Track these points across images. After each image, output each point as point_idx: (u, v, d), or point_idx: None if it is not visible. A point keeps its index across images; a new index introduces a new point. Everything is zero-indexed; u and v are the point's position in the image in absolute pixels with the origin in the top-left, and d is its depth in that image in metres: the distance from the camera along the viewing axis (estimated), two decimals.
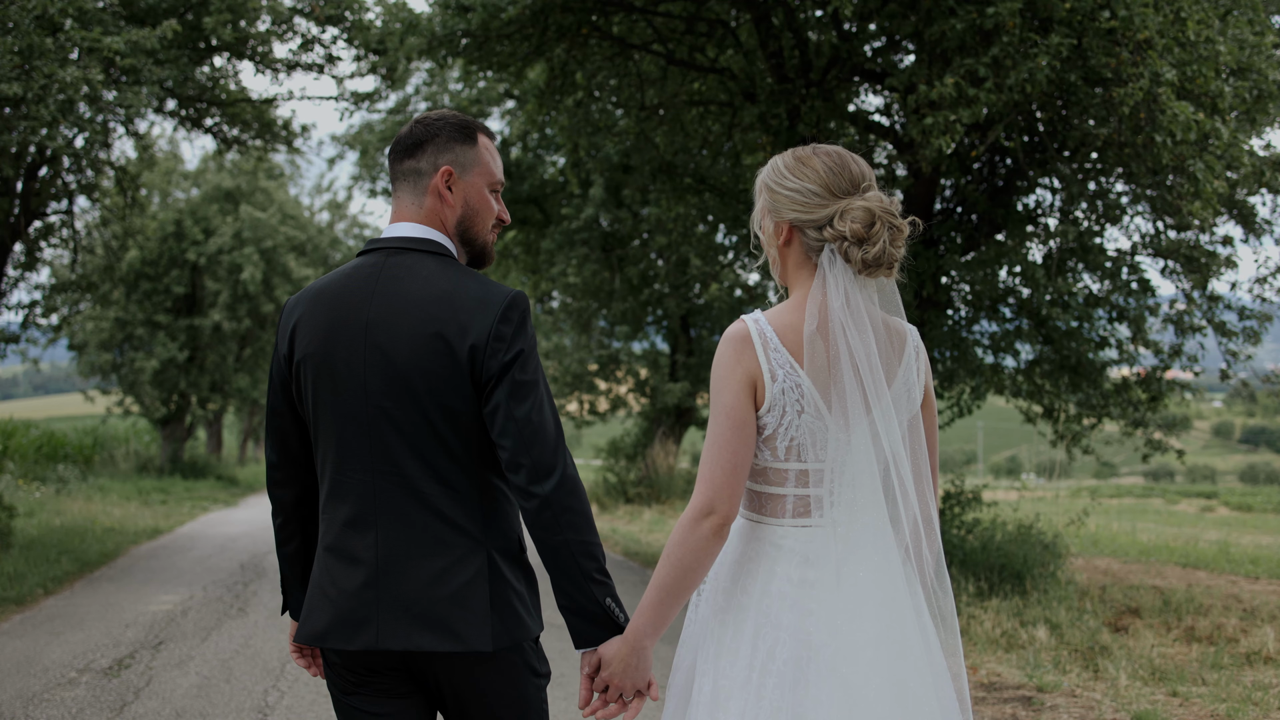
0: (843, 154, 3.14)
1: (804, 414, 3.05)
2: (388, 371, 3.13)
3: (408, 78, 23.57)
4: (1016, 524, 13.56)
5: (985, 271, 12.43)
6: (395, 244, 3.27)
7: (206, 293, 33.49)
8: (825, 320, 3.05)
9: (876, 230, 3.01)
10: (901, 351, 3.16)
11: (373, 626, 3.12)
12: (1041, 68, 9.27)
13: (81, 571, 14.43)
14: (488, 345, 3.10)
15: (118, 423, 39.59)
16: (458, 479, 3.17)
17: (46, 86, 11.08)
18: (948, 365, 13.29)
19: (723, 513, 3.03)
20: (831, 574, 3.02)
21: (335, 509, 3.23)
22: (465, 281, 3.19)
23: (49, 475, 28.34)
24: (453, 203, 3.30)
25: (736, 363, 3.06)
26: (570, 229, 21.55)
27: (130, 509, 23.30)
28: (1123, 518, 26.19)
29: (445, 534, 3.14)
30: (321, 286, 3.29)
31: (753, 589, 3.10)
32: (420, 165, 3.30)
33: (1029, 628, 10.03)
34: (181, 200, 34.63)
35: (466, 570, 3.13)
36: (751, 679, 3.00)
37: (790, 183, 3.11)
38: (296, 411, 3.34)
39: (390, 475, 3.16)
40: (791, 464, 3.09)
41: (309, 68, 15.68)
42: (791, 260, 3.17)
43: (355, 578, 3.16)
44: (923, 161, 10.34)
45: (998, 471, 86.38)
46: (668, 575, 3.08)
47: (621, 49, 14.23)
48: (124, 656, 9.63)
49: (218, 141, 17.64)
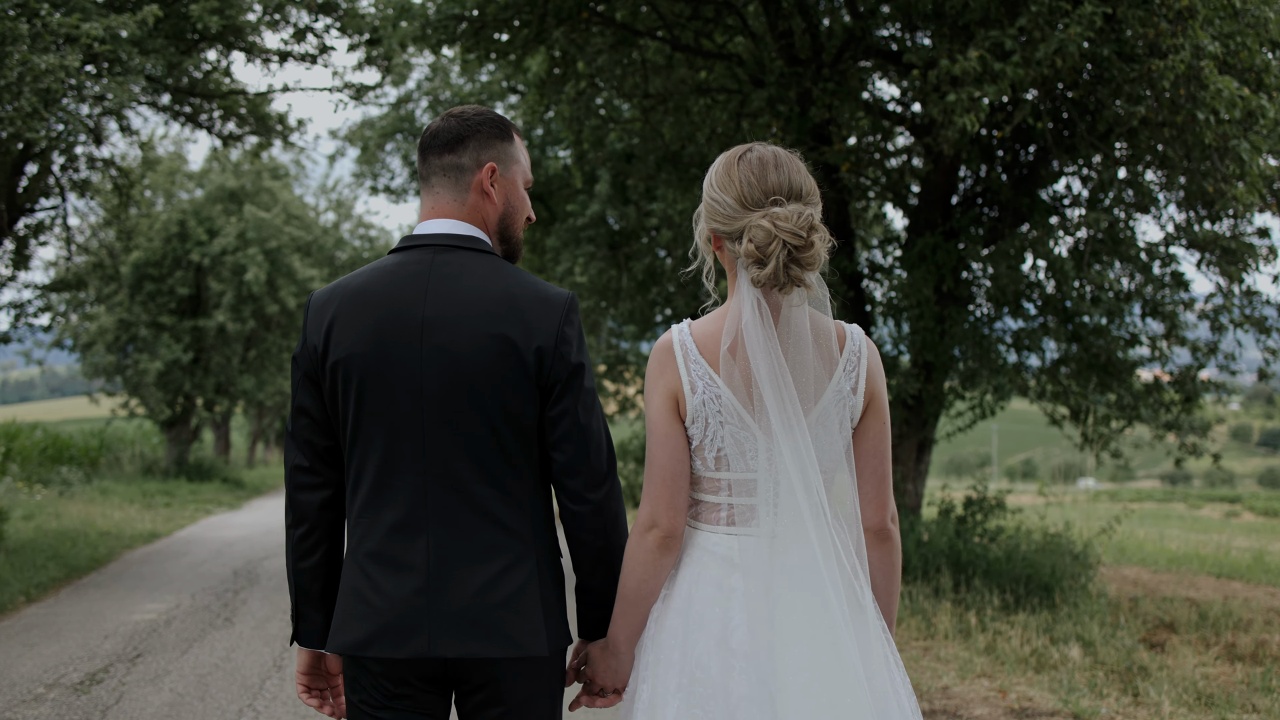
0: (767, 162, 3.05)
1: (726, 425, 3.04)
2: (448, 371, 3.07)
3: (408, 72, 23.12)
4: (1042, 532, 12.90)
5: (1008, 264, 11.82)
6: (441, 240, 3.19)
7: (211, 294, 32.99)
8: (741, 333, 3.02)
9: (772, 249, 2.93)
10: (834, 358, 3.10)
11: (424, 634, 3.05)
12: (1073, 39, 8.64)
13: (69, 578, 13.91)
14: (555, 348, 3.08)
15: (125, 425, 39.20)
16: (511, 482, 3.13)
17: (22, 75, 10.54)
18: (969, 364, 12.69)
19: (664, 526, 3.09)
20: (762, 584, 3.00)
21: (378, 513, 3.13)
22: (522, 280, 3.15)
23: (52, 478, 27.94)
24: (495, 200, 3.25)
25: (659, 376, 3.10)
26: (576, 226, 20.99)
27: (130, 512, 22.83)
28: (1147, 524, 25.55)
29: (498, 538, 3.11)
30: (362, 283, 3.18)
31: (684, 593, 3.11)
32: (463, 161, 3.23)
33: (1060, 645, 9.39)
34: (185, 200, 34.17)
35: (519, 575, 3.10)
36: (683, 685, 3.01)
37: (712, 191, 3.09)
38: (325, 411, 3.22)
39: (442, 478, 3.09)
40: (722, 474, 3.09)
41: (302, 58, 15.14)
42: (727, 267, 3.15)
43: (405, 584, 3.08)
44: (944, 144, 9.73)
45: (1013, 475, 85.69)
46: (624, 584, 3.16)
47: (625, 36, 13.64)
48: (97, 670, 9.08)
49: (212, 136, 17.10)
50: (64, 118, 11.95)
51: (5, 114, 11.13)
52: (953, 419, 13.69)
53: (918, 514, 13.18)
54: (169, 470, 33.56)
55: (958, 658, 9.19)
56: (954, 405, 13.51)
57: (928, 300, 12.09)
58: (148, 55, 13.01)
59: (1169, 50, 8.74)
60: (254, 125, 17.09)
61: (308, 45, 15.12)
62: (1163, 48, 8.82)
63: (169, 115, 16.71)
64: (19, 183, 15.24)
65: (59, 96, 11.36)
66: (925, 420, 13.10)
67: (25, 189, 15.70)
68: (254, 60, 15.17)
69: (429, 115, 23.66)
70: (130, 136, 17.62)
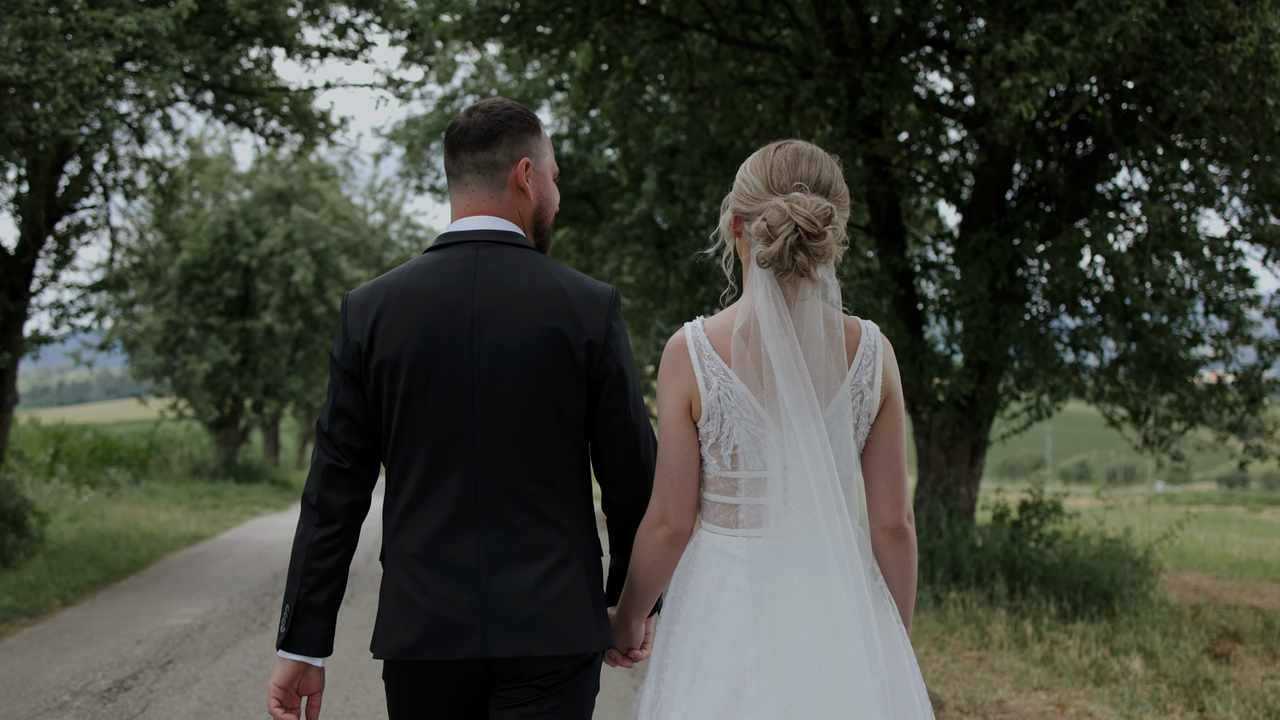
0: (802, 153, 3.04)
1: (743, 420, 3.01)
2: (500, 367, 3.05)
3: (453, 70, 22.93)
4: (1100, 536, 12.45)
5: (1066, 260, 11.40)
6: (481, 237, 3.16)
7: (258, 295, 32.96)
8: (754, 322, 3.00)
9: (781, 230, 2.92)
10: (851, 352, 3.07)
11: (477, 634, 3.01)
12: (1134, 21, 8.23)
13: (107, 580, 13.77)
14: (605, 342, 3.08)
15: (174, 427, 39.32)
16: (560, 479, 3.11)
17: (54, 70, 10.37)
18: (1024, 364, 12.29)
19: (673, 524, 3.09)
20: (781, 586, 2.96)
21: (424, 514, 3.08)
22: (567, 275, 3.15)
23: (101, 479, 28.00)
24: (530, 195, 3.24)
25: (673, 374, 3.08)
26: (623, 225, 20.68)
27: (176, 514, 22.78)
28: (1206, 528, 24.93)
29: (548, 536, 3.08)
30: (406, 282, 3.13)
31: (701, 599, 3.07)
32: (497, 157, 3.20)
33: (1121, 656, 8.97)
34: (233, 202, 34.20)
35: (569, 572, 3.08)
36: (692, 691, 2.98)
37: (745, 174, 3.08)
38: (366, 412, 3.16)
39: (493, 475, 3.06)
40: (739, 472, 3.06)
41: (342, 54, 14.93)
42: (743, 254, 3.14)
43: (456, 584, 3.04)
44: (998, 134, 9.33)
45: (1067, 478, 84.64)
46: (633, 574, 3.22)
47: (670, 29, 13.33)
48: (126, 677, 8.88)
49: (255, 135, 16.95)
50: (101, 115, 11.77)
51: (40, 111, 10.98)
52: (1007, 420, 13.27)
53: (971, 518, 12.78)
54: (217, 472, 33.60)
55: (1013, 669, 8.81)
56: (1008, 406, 13.10)
57: (982, 297, 11.70)
58: (185, 51, 12.84)
59: (1236, 33, 8.32)
60: (296, 124, 16.93)
61: (348, 41, 14.93)
62: (1229, 30, 8.40)
63: (211, 113, 16.56)
64: (58, 181, 15.11)
65: (94, 93, 11.20)
66: (979, 422, 12.71)
67: (67, 188, 15.59)
68: (294, 56, 14.97)
69: None
70: (173, 135, 17.55)
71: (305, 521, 3.20)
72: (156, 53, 12.34)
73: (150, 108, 15.16)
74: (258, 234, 32.82)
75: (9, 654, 9.69)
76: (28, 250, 14.72)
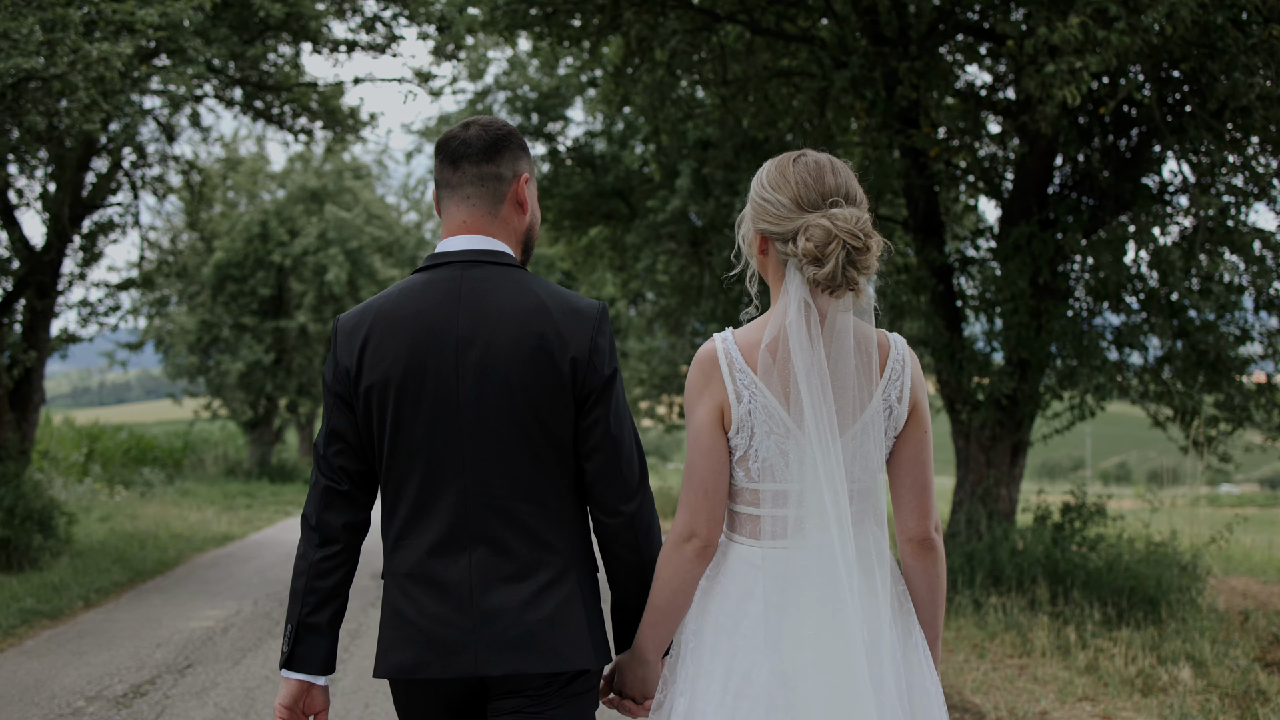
0: (824, 165, 3.04)
1: (773, 434, 3.01)
2: (485, 387, 3.06)
3: (485, 67, 22.75)
4: (1145, 540, 12.06)
5: (1110, 254, 11.03)
6: (467, 257, 3.17)
7: (292, 294, 32.86)
8: (783, 337, 3.00)
9: (831, 250, 2.92)
10: (882, 366, 3.08)
11: (469, 653, 3.03)
12: (1184, 2, 7.87)
13: (133, 581, 13.62)
14: (589, 359, 3.08)
15: (209, 427, 39.32)
16: (550, 497, 3.12)
17: (73, 63, 10.19)
18: (1067, 362, 11.93)
19: (703, 536, 3.06)
20: (810, 598, 2.95)
21: (419, 534, 3.10)
22: (552, 292, 3.15)
23: (135, 479, 27.98)
24: (526, 210, 3.28)
25: (704, 386, 3.06)
26: (656, 222, 20.39)
27: (208, 514, 22.68)
28: (1252, 530, 24.40)
29: (539, 554, 3.09)
30: (393, 305, 3.15)
31: (730, 609, 3.06)
32: (501, 170, 3.22)
33: (1169, 665, 8.60)
34: (267, 201, 34.13)
35: (562, 590, 3.09)
36: (726, 701, 2.97)
37: (764, 192, 3.06)
38: (359, 435, 3.18)
39: (482, 495, 3.07)
40: (765, 485, 3.06)
41: (369, 48, 14.72)
42: (770, 272, 3.13)
43: (445, 603, 3.06)
44: (1041, 121, 9.00)
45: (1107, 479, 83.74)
46: (657, 596, 3.14)
47: (703, 20, 13.03)
48: (143, 682, 8.69)
49: (283, 131, 16.77)
50: (124, 110, 11.58)
51: (61, 107, 10.81)
52: (1049, 420, 12.89)
53: (1011, 521, 12.44)
54: (251, 471, 33.56)
55: (1057, 678, 8.48)
56: (1050, 406, 12.72)
57: (1023, 293, 11.35)
58: (210, 45, 12.65)
59: None
60: (325, 120, 16.75)
61: (376, 35, 14.72)
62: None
63: (239, 110, 16.39)
64: (84, 178, 14.97)
65: (116, 89, 11.02)
66: (1020, 421, 12.36)
67: (94, 186, 15.45)
68: (321, 50, 14.76)
69: (506, 110, 23.23)
70: (202, 132, 17.40)
71: (305, 542, 3.24)
72: (181, 46, 12.16)
73: (177, 105, 15.00)
74: (291, 233, 32.74)
75: (26, 657, 9.52)
76: (53, 248, 14.56)
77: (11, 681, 8.66)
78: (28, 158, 13.63)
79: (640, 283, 23.39)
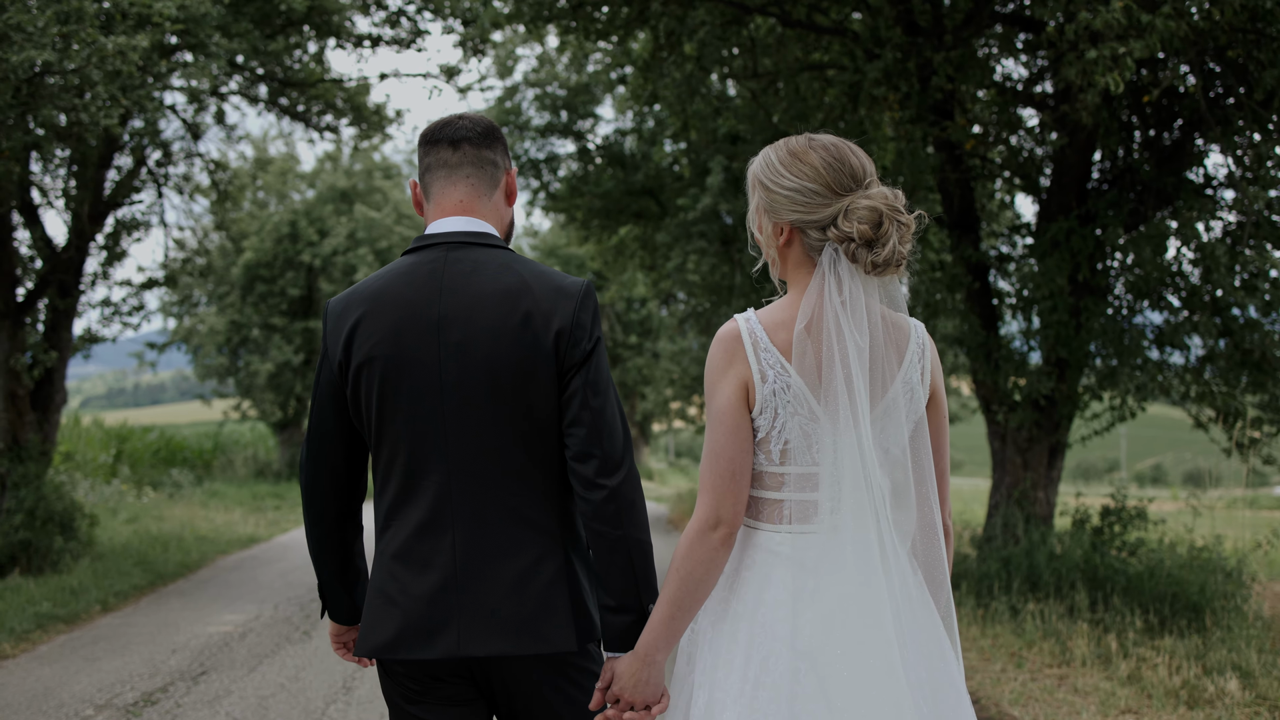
0: (840, 145, 3.00)
1: (796, 415, 2.95)
2: (466, 367, 3.05)
3: (513, 64, 22.53)
4: (1187, 544, 11.67)
5: (1152, 250, 10.66)
6: (453, 239, 3.18)
7: (321, 294, 32.74)
8: (819, 319, 2.94)
9: (885, 230, 2.90)
10: (903, 350, 3.03)
11: (452, 632, 3.02)
12: None
13: (153, 585, 13.43)
14: (571, 332, 3.04)
15: (240, 428, 39.25)
16: (535, 476, 3.09)
17: (89, 56, 9.98)
18: (1107, 362, 11.57)
19: (729, 521, 2.96)
20: (830, 583, 2.91)
21: (404, 514, 3.11)
22: (538, 270, 3.14)
23: (164, 480, 27.89)
24: (511, 204, 3.34)
25: (728, 365, 2.98)
26: (687, 221, 20.08)
27: (235, 516, 22.54)
28: None
29: (524, 534, 3.07)
30: (379, 287, 3.16)
31: (748, 597, 2.99)
32: (496, 158, 3.25)
33: (1214, 676, 8.23)
34: (297, 201, 34.02)
35: (547, 570, 3.07)
36: (745, 691, 2.89)
37: (787, 181, 2.98)
38: (347, 430, 3.22)
39: (466, 475, 3.06)
40: (788, 468, 2.98)
41: (393, 43, 14.48)
42: (791, 260, 3.05)
43: (429, 583, 3.06)
44: (1082, 111, 8.64)
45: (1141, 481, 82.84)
46: (677, 589, 2.98)
47: (733, 13, 12.72)
48: (155, 690, 8.46)
49: (309, 129, 16.56)
50: (145, 106, 11.36)
51: (80, 102, 10.62)
52: (1087, 421, 12.52)
53: (1049, 524, 12.08)
54: (281, 473, 33.45)
55: (1098, 689, 8.13)
56: (1089, 407, 12.35)
57: (1061, 291, 10.99)
58: (231, 39, 12.44)
59: None
60: (352, 117, 16.52)
61: (400, 30, 14.47)
62: None
63: (264, 106, 16.18)
64: (105, 176, 14.78)
65: (136, 83, 10.82)
66: (1058, 423, 12.00)
67: (117, 184, 15.26)
68: (344, 45, 14.52)
69: (535, 108, 22.99)
70: (227, 130, 17.21)
71: (305, 518, 3.32)
72: (202, 41, 11.96)
73: (202, 103, 14.81)
74: (321, 233, 32.62)
75: (39, 663, 9.32)
76: (74, 246, 14.38)
77: (21, 689, 8.45)
78: (44, 154, 13.46)
79: (671, 282, 23.08)
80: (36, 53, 9.50)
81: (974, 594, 11.22)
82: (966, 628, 10.19)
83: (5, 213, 13.29)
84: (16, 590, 11.90)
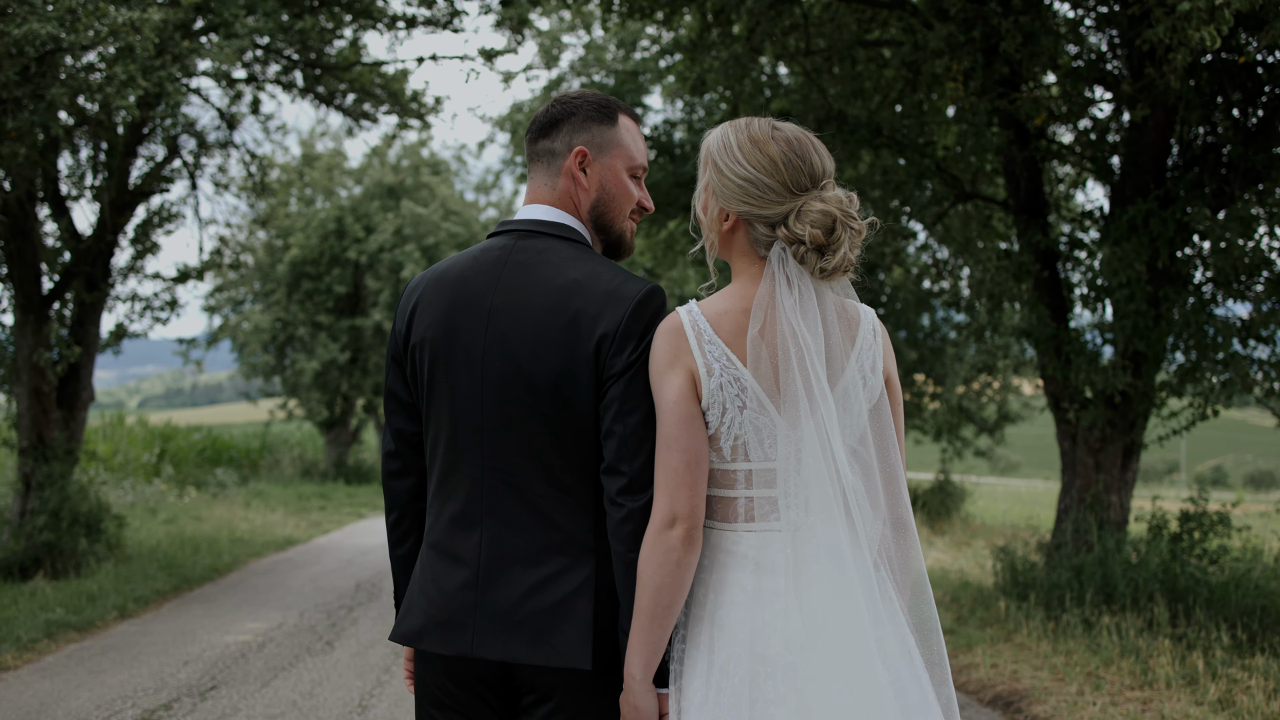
0: (804, 140, 2.88)
1: (746, 409, 2.82)
2: (509, 362, 2.95)
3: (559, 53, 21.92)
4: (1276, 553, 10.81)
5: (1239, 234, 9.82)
6: (525, 226, 3.11)
7: (368, 292, 32.24)
8: (772, 323, 2.82)
9: (837, 236, 2.80)
10: (854, 338, 2.91)
11: (469, 632, 2.93)
12: None
13: (177, 590, 12.88)
14: (615, 340, 2.89)
15: (287, 427, 38.90)
16: (571, 482, 2.94)
17: (99, 31, 9.41)
18: (1187, 356, 10.75)
19: (686, 517, 2.78)
20: (789, 583, 2.79)
21: (443, 503, 3.05)
22: (599, 270, 3.00)
23: (208, 480, 27.50)
24: (587, 185, 3.14)
25: (673, 359, 2.85)
26: None
27: (276, 516, 22.06)
28: None
29: (553, 540, 2.94)
30: (445, 268, 3.13)
31: (706, 600, 2.87)
32: (554, 145, 3.14)
33: None
34: (343, 197, 33.56)
35: (572, 580, 2.92)
36: (709, 697, 2.78)
37: (741, 169, 2.86)
38: (411, 395, 3.14)
39: (500, 473, 2.96)
40: (739, 464, 2.86)
41: (430, 23, 13.85)
42: (735, 248, 2.95)
43: (456, 578, 2.98)
44: (1170, 74, 7.83)
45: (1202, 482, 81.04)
46: (645, 600, 2.79)
47: None
48: (158, 707, 7.86)
49: (344, 116, 15.97)
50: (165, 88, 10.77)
51: (94, 82, 10.06)
52: (1164, 420, 11.66)
53: (1124, 531, 11.25)
54: (327, 473, 33.02)
55: (1187, 715, 7.32)
56: (1166, 404, 11.50)
57: (1139, 278, 10.17)
58: (255, 16, 11.85)
59: None
60: (389, 104, 15.92)
61: (436, 10, 13.83)
62: None
63: (299, 94, 15.60)
64: (131, 165, 14.23)
65: (154, 65, 10.25)
66: (1133, 421, 11.19)
67: (146, 174, 14.73)
68: (378, 26, 13.89)
69: None
70: (263, 120, 16.68)
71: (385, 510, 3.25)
72: (225, 19, 11.38)
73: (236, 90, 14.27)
74: (367, 230, 32.14)
75: (39, 676, 8.75)
76: (98, 238, 13.85)
77: (15, 705, 7.88)
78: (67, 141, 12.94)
79: (716, 274, 22.38)
80: (40, 25, 8.93)
81: (1043, 605, 10.45)
82: (1036, 642, 9.43)
83: (21, 197, 12.74)
84: (33, 595, 11.39)
